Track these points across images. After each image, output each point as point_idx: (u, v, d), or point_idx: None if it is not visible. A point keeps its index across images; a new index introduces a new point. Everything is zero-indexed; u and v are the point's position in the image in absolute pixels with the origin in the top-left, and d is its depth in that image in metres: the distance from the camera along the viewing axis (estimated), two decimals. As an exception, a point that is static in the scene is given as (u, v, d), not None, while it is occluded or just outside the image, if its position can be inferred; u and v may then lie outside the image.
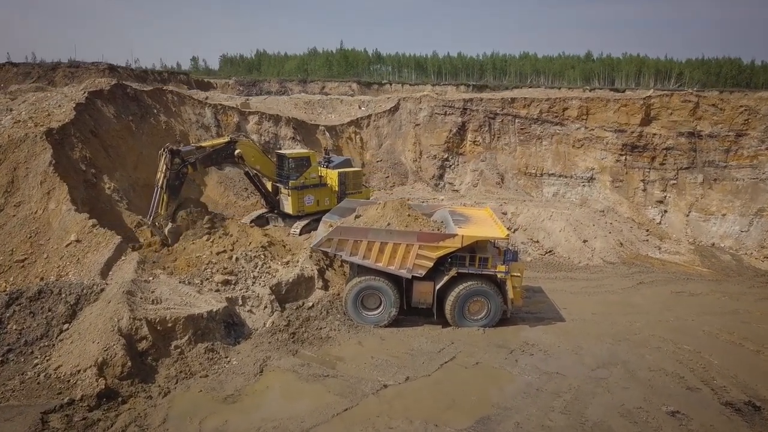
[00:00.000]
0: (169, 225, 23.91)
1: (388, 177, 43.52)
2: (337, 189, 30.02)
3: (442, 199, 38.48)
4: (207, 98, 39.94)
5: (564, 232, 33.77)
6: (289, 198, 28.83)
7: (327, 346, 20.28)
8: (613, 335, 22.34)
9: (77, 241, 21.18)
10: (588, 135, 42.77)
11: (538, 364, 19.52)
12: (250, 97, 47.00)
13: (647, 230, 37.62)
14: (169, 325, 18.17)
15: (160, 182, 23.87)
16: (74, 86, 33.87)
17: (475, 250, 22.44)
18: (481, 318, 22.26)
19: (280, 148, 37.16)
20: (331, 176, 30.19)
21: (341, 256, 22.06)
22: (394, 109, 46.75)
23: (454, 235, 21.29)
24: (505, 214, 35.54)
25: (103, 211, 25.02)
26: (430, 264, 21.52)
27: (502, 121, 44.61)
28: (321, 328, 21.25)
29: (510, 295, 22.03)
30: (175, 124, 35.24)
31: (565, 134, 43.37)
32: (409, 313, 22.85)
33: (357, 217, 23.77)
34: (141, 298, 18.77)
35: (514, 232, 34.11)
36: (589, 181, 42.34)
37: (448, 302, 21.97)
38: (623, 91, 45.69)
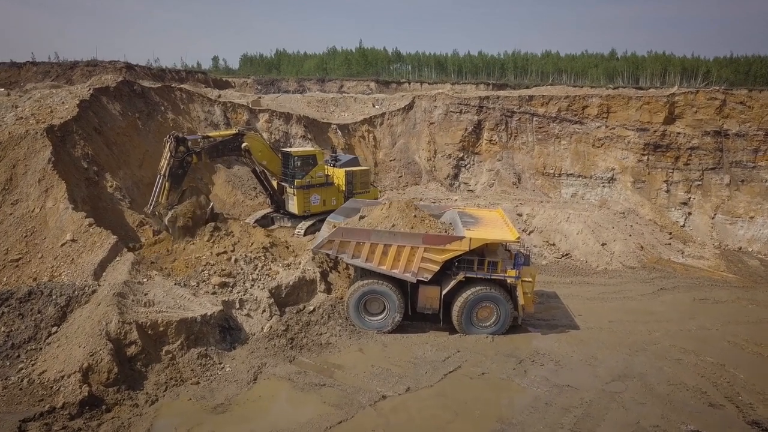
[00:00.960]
0: (169, 214, 23.19)
1: (401, 176, 42.52)
2: (344, 188, 29.24)
3: (456, 200, 37.35)
4: (219, 96, 39.39)
5: (582, 234, 32.43)
6: (295, 197, 28.16)
7: (326, 352, 19.40)
8: (630, 345, 21.06)
9: (73, 240, 20.58)
10: (609, 134, 41.15)
11: (548, 376, 18.38)
12: (262, 95, 46.32)
13: (670, 233, 35.94)
14: (161, 329, 17.46)
15: (163, 170, 23.26)
16: (82, 84, 33.56)
17: (485, 253, 21.39)
18: (490, 325, 21.19)
19: (289, 147, 36.42)
20: (338, 175, 29.44)
21: (343, 258, 21.18)
22: (409, 107, 45.68)
23: (461, 238, 20.25)
24: (520, 215, 34.33)
25: (104, 210, 24.50)
26: (437, 268, 20.50)
27: (519, 119, 43.24)
28: (321, 334, 20.38)
29: (521, 301, 20.92)
30: (183, 121, 34.70)
31: (585, 133, 41.81)
32: (414, 319, 21.85)
33: (361, 217, 22.86)
34: (133, 301, 18.10)
35: (529, 234, 32.91)
36: (609, 182, 40.77)
37: (455, 308, 20.95)
38: (647, 89, 43.96)
